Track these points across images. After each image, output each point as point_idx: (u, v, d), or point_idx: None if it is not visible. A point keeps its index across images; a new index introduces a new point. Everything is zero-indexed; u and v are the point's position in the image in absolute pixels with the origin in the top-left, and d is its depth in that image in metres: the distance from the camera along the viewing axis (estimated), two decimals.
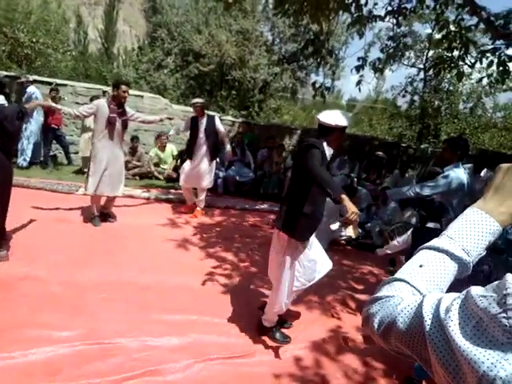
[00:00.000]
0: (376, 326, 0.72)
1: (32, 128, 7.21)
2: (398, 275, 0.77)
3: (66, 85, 8.29)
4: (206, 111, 5.67)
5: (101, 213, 4.85)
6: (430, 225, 3.18)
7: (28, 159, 7.24)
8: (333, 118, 2.59)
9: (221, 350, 2.61)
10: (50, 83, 7.90)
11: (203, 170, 5.53)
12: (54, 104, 4.66)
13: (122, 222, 4.96)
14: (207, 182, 5.64)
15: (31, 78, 7.40)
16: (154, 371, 2.31)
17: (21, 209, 4.46)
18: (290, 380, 2.46)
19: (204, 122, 5.46)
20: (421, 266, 0.76)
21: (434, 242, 0.79)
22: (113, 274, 3.46)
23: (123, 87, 4.56)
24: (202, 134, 5.42)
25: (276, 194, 7.68)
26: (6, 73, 8.01)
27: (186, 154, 5.80)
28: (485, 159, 7.52)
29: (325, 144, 2.60)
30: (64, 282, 3.19)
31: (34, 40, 13.46)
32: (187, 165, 5.54)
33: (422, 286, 0.73)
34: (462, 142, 3.38)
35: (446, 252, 0.75)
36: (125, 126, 4.72)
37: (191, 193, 5.84)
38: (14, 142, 3.26)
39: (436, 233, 2.50)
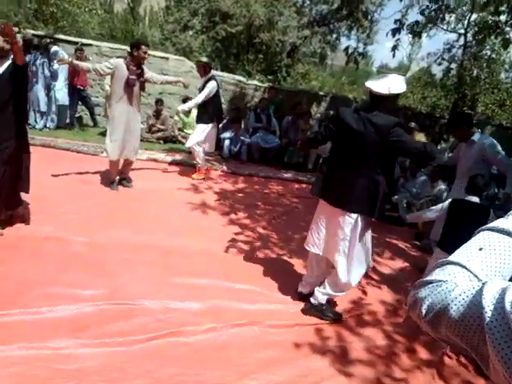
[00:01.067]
0: (424, 311, 0.66)
1: (58, 89, 7.22)
2: (452, 258, 0.69)
3: (91, 45, 8.19)
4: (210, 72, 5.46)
5: (120, 177, 4.83)
6: (471, 198, 3.01)
7: (55, 121, 7.31)
8: (386, 85, 2.41)
9: (242, 315, 2.62)
10: (75, 43, 7.83)
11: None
12: (74, 61, 4.56)
13: (144, 186, 4.96)
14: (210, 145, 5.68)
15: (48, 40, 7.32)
16: (177, 332, 2.35)
17: (46, 168, 4.53)
18: (309, 349, 2.46)
19: (201, 82, 5.44)
20: (480, 250, 0.67)
21: (499, 223, 0.70)
22: (135, 237, 3.50)
23: (143, 47, 4.37)
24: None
25: (300, 163, 7.53)
26: (33, 31, 7.96)
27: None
28: None
29: None
30: (88, 243, 3.25)
31: None
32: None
33: (481, 271, 0.65)
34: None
35: None
36: (143, 88, 4.61)
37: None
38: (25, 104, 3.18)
39: (477, 207, 2.35)
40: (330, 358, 2.41)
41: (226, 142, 7.20)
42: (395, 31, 6.19)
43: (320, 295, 2.75)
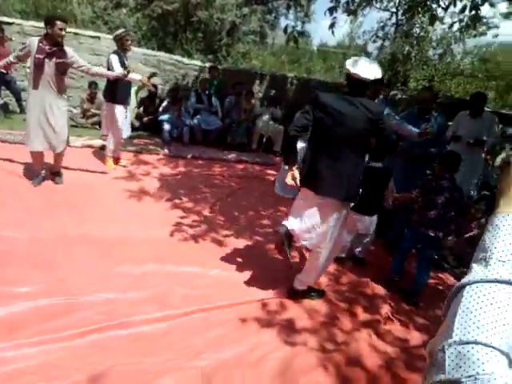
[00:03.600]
0: None
1: None
2: (468, 335, 0.53)
3: (12, 23, 7.46)
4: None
5: (50, 171, 4.33)
6: (374, 164, 3.21)
7: None
8: (372, 71, 2.41)
9: (188, 300, 2.62)
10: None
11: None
12: None
13: (78, 175, 4.68)
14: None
15: None
16: (119, 324, 2.30)
17: None
18: (257, 324, 2.52)
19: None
20: (486, 313, 0.54)
21: (492, 275, 0.57)
22: (73, 229, 3.33)
23: (59, 23, 3.79)
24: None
25: (244, 143, 7.53)
26: None
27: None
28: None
29: None
30: (24, 237, 3.05)
31: None
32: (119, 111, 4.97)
33: (500, 341, 0.52)
34: None
35: None
36: (60, 70, 3.93)
37: None
38: None
39: (381, 170, 2.45)
40: (276, 330, 2.49)
41: (166, 125, 6.99)
42: (332, 9, 6.28)
43: (298, 283, 2.83)
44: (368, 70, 2.42)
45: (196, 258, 3.19)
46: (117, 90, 4.83)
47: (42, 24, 7.45)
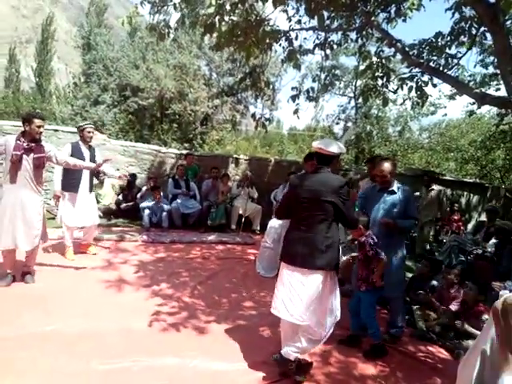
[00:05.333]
0: None
1: None
2: None
3: None
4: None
5: (22, 272, 4.09)
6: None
7: None
8: (336, 146, 2.69)
9: None
10: None
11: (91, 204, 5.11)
12: None
13: (53, 268, 4.55)
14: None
15: None
16: None
17: None
18: None
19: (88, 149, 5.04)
20: None
21: None
22: (45, 325, 3.14)
23: (36, 121, 3.88)
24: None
25: (224, 224, 7.61)
26: None
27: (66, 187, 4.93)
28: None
29: None
30: None
31: None
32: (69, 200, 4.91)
33: None
34: None
35: None
36: (38, 164, 3.94)
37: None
38: None
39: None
40: None
41: (146, 211, 7.04)
42: (294, 97, 6.90)
43: (291, 351, 2.64)
44: (332, 145, 2.72)
45: (175, 348, 3.01)
46: (66, 178, 4.83)
47: (21, 123, 7.81)
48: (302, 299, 2.57)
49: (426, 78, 5.63)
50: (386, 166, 3.47)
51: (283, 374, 2.71)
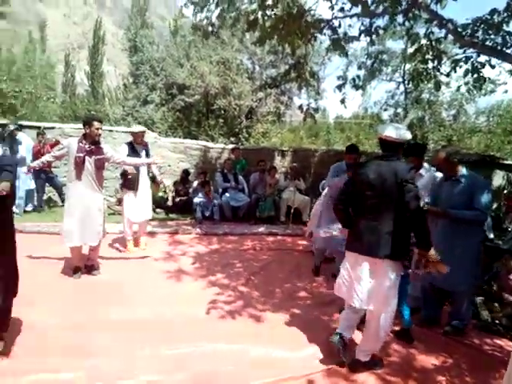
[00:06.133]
0: None
1: (23, 175, 7.21)
2: None
3: (53, 127, 8.37)
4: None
5: (85, 265, 4.39)
6: None
7: (22, 206, 7.20)
8: (402, 133, 2.66)
9: (230, 380, 2.56)
10: (38, 127, 7.98)
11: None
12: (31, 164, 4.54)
13: (116, 260, 4.89)
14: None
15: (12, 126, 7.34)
16: None
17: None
18: None
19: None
20: None
21: None
22: (114, 313, 3.42)
23: (96, 124, 4.15)
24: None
25: (272, 216, 7.72)
26: None
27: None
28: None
29: None
30: (63, 323, 3.14)
31: (18, 89, 13.69)
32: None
33: None
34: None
35: None
36: (99, 165, 4.23)
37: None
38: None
39: None
40: None
41: (198, 206, 7.32)
42: (340, 86, 6.80)
43: (362, 355, 2.76)
44: (398, 132, 2.66)
45: (235, 335, 3.15)
46: (126, 178, 5.16)
47: (80, 126, 8.36)
48: (368, 286, 2.61)
49: (482, 58, 5.30)
50: (440, 154, 3.38)
51: (340, 363, 2.77)
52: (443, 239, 3.23)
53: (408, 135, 2.71)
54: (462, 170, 3.35)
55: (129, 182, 5.16)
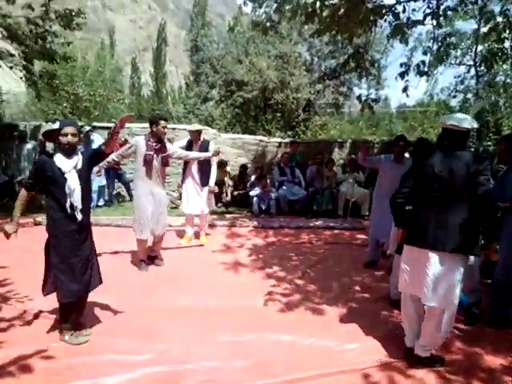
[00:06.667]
0: None
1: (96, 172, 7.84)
2: None
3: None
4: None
5: (148, 256, 4.62)
6: None
7: (95, 201, 7.84)
8: (469, 122, 2.57)
9: (288, 369, 2.60)
10: (109, 127, 8.59)
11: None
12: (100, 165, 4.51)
13: (178, 251, 5.15)
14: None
15: (87, 127, 7.99)
16: None
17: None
18: None
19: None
20: None
21: None
22: (177, 301, 3.62)
23: (162, 122, 4.33)
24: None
25: (330, 210, 7.61)
26: None
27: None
28: None
29: None
30: (131, 311, 3.37)
31: (91, 93, 14.88)
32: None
33: None
34: None
35: None
36: (165, 163, 4.47)
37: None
38: None
39: None
40: None
41: (255, 199, 7.44)
42: (402, 74, 6.48)
43: (421, 351, 2.67)
44: (465, 121, 2.55)
45: (291, 326, 3.19)
46: (184, 171, 5.43)
47: (146, 125, 8.84)
48: (433, 281, 2.51)
49: None
50: (501, 144, 3.16)
51: (405, 356, 2.72)
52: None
53: (474, 124, 2.60)
54: None
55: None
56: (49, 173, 2.75)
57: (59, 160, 2.79)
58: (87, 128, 7.83)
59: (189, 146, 5.37)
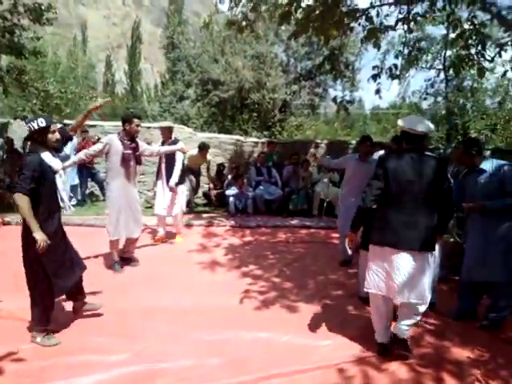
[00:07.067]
0: None
1: (69, 171, 7.63)
2: None
3: (95, 125, 8.77)
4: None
5: (122, 257, 4.51)
6: None
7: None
8: (426, 125, 2.68)
9: (264, 366, 2.62)
10: None
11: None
12: (67, 163, 4.26)
13: (153, 251, 5.11)
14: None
15: (58, 125, 7.78)
16: None
17: None
18: None
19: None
20: None
21: None
22: (154, 300, 3.59)
23: (136, 121, 4.29)
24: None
25: (305, 209, 7.70)
26: None
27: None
28: None
29: None
30: (108, 309, 3.32)
31: (63, 90, 14.45)
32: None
33: None
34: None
35: None
36: (139, 161, 4.45)
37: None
38: None
39: None
40: None
41: (231, 199, 7.44)
42: (375, 76, 6.65)
43: (406, 328, 2.76)
44: (423, 124, 2.66)
45: (267, 324, 3.22)
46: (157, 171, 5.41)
47: (119, 123, 8.68)
48: (406, 279, 2.61)
49: None
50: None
51: (378, 351, 2.80)
52: (480, 233, 3.22)
53: (432, 126, 2.75)
54: (483, 160, 3.28)
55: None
56: (45, 173, 2.71)
57: (48, 158, 2.76)
58: (58, 125, 7.59)
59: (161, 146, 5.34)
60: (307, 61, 14.16)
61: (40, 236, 2.58)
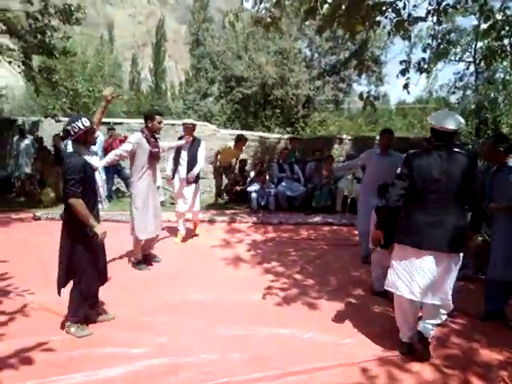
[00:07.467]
0: None
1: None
2: None
3: (121, 123, 8.97)
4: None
5: (144, 255, 4.49)
6: None
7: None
8: (458, 121, 2.59)
9: (286, 362, 2.63)
10: (108, 123, 8.60)
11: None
12: (102, 161, 4.50)
13: (178, 246, 5.20)
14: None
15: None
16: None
17: None
18: None
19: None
20: None
21: None
22: (178, 295, 3.66)
23: (158, 118, 4.27)
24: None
25: (328, 206, 7.63)
26: None
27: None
28: None
29: None
30: (133, 305, 3.42)
31: (91, 89, 14.84)
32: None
33: None
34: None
35: None
36: (159, 158, 4.47)
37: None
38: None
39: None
40: None
41: (253, 195, 7.45)
42: (403, 71, 6.47)
43: (431, 328, 2.73)
44: (454, 121, 2.56)
45: (289, 321, 3.22)
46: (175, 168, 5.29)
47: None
48: (430, 280, 2.56)
49: None
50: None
51: (401, 351, 2.76)
52: (507, 232, 3.14)
53: (463, 122, 2.64)
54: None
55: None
56: (88, 172, 2.82)
57: (88, 157, 2.91)
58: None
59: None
60: (331, 56, 14.00)
61: (100, 230, 2.78)
